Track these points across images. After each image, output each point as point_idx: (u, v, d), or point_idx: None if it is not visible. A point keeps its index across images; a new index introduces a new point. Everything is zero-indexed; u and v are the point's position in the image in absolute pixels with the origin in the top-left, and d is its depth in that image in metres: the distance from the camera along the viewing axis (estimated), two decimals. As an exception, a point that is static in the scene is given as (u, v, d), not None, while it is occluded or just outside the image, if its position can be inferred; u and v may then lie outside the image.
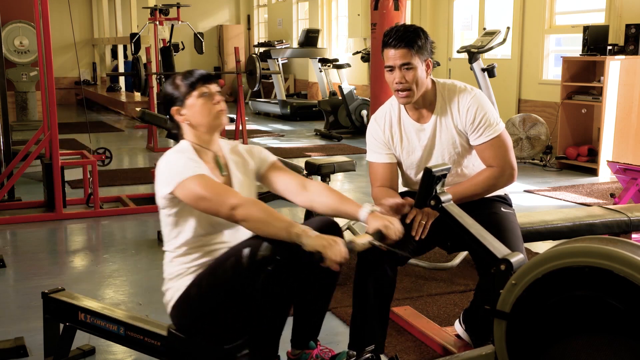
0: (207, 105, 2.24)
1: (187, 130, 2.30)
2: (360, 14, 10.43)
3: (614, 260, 1.59)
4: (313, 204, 2.32)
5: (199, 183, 2.11)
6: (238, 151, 2.39)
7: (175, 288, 2.23)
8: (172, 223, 2.23)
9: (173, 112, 2.29)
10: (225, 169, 2.32)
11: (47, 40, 4.96)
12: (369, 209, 2.22)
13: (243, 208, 2.06)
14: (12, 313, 3.35)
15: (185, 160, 2.18)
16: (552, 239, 3.21)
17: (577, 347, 1.66)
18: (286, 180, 2.36)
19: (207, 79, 2.26)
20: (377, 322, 2.51)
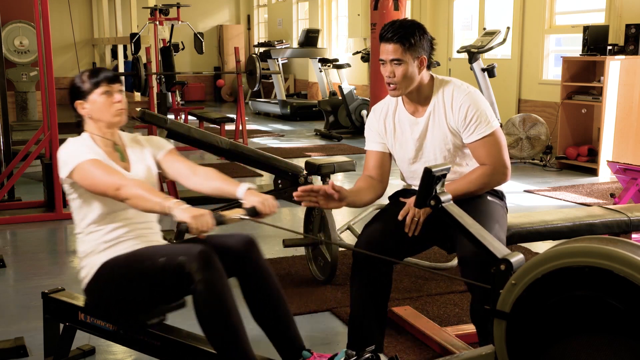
0: (108, 102, 2.41)
1: (89, 122, 2.46)
2: (360, 14, 10.43)
3: (614, 260, 1.59)
4: (201, 187, 2.49)
5: (90, 166, 2.29)
6: (137, 140, 2.58)
7: (89, 266, 2.39)
8: (77, 206, 2.41)
9: (76, 104, 2.45)
10: (125, 155, 2.49)
11: (47, 40, 4.96)
12: (246, 186, 2.38)
13: (126, 187, 2.23)
14: (12, 313, 3.35)
15: (79, 146, 2.38)
16: (552, 239, 3.21)
17: (577, 347, 1.66)
18: (178, 165, 2.54)
19: (112, 79, 2.43)
20: (374, 322, 2.51)
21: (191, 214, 2.12)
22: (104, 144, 2.44)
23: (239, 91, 8.91)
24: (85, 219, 2.40)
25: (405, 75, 2.52)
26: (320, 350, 2.59)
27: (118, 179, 2.26)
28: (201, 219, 2.12)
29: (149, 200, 2.20)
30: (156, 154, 2.56)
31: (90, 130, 2.46)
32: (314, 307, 3.31)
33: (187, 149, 7.96)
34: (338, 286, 3.57)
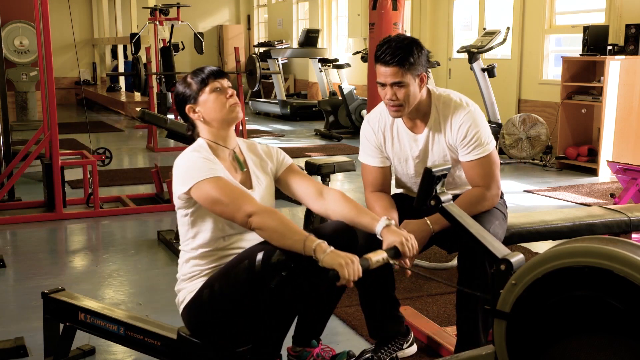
0: (220, 99, 2.23)
1: (202, 127, 2.28)
2: (360, 14, 10.42)
3: (614, 260, 1.59)
4: (328, 212, 2.30)
5: (215, 186, 2.10)
6: (256, 150, 2.38)
7: (188, 289, 2.22)
8: (188, 223, 2.22)
9: (187, 110, 2.27)
10: (245, 165, 2.31)
11: (47, 40, 4.96)
12: (384, 223, 2.21)
13: (259, 216, 2.05)
14: (12, 313, 3.35)
15: (201, 160, 2.17)
16: (552, 239, 3.21)
17: (577, 347, 1.66)
18: (303, 185, 2.35)
19: (218, 74, 2.26)
20: (386, 313, 2.61)
21: (339, 261, 1.95)
22: (222, 155, 2.27)
23: (239, 91, 8.91)
24: (195, 239, 2.22)
25: (408, 97, 2.45)
26: (321, 350, 2.60)
27: (249, 203, 2.08)
28: (351, 268, 1.96)
29: (287, 238, 2.01)
30: (277, 169, 2.38)
31: (206, 137, 2.27)
32: (314, 307, 3.31)
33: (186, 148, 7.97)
34: (338, 286, 3.57)
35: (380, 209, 2.55)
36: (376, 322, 2.65)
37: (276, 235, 2.03)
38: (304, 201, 2.37)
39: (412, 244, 2.17)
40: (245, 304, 2.10)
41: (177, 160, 2.22)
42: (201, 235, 2.21)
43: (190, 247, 2.24)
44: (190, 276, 2.23)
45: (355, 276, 1.97)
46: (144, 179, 6.52)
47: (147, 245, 4.43)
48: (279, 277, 2.03)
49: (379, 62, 2.44)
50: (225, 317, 2.14)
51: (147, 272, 3.95)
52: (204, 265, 2.22)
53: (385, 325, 2.64)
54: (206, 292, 2.16)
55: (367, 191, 2.68)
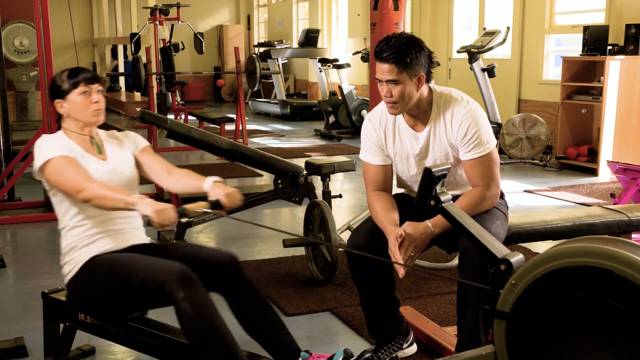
0: (85, 103, 2.44)
1: (67, 120, 2.49)
2: (360, 14, 10.42)
3: (614, 260, 1.58)
4: (173, 187, 2.56)
5: (59, 164, 2.32)
6: (114, 135, 2.61)
7: (71, 262, 2.40)
8: (58, 201, 2.44)
9: (55, 103, 2.48)
10: (102, 148, 2.52)
11: (47, 40, 4.96)
12: (212, 179, 2.40)
13: (87, 190, 2.26)
14: (12, 313, 3.35)
15: (53, 143, 2.40)
16: (552, 239, 3.21)
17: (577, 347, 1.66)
18: (154, 163, 2.58)
19: (90, 80, 2.46)
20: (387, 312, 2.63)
21: (154, 208, 2.16)
22: (80, 140, 2.47)
23: (239, 91, 8.91)
24: (66, 213, 2.42)
25: (403, 95, 2.45)
26: (320, 350, 2.60)
27: (82, 179, 2.29)
28: (164, 213, 2.16)
29: (111, 199, 2.24)
30: (133, 149, 2.59)
31: (68, 128, 2.49)
32: (314, 307, 3.31)
33: (187, 149, 7.97)
34: (338, 286, 3.57)
35: (381, 209, 2.54)
36: (376, 322, 2.65)
37: (102, 200, 2.24)
38: (155, 178, 2.58)
39: (236, 197, 2.33)
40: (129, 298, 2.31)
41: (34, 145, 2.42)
42: (71, 209, 2.41)
43: (65, 221, 2.43)
44: (71, 247, 2.41)
45: (168, 220, 2.16)
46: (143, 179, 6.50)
47: (147, 245, 4.42)
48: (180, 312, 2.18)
49: (376, 59, 2.47)
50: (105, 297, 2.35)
51: (147, 272, 3.95)
52: (81, 234, 2.40)
53: (385, 325, 2.64)
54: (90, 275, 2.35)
55: (368, 190, 2.68)
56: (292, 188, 4.32)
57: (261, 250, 4.31)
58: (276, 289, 3.55)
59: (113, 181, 2.41)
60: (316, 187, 4.36)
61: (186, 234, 4.26)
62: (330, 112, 9.85)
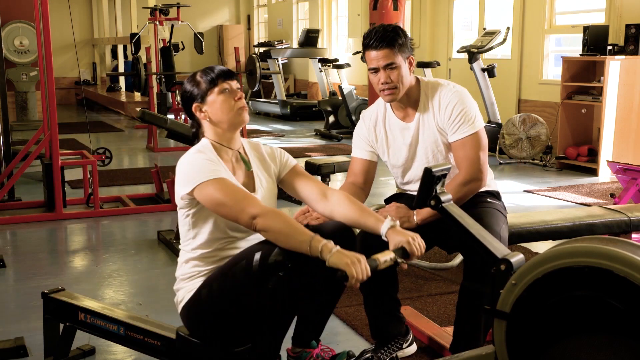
0: (229, 101, 2.21)
1: (208, 127, 2.26)
2: (360, 14, 10.41)
3: (614, 260, 1.59)
4: (333, 214, 2.29)
5: (218, 187, 2.08)
6: (260, 151, 2.38)
7: (186, 289, 2.22)
8: (189, 224, 2.21)
9: (194, 109, 2.25)
10: (250, 165, 2.31)
11: (47, 40, 4.96)
12: (389, 224, 2.18)
13: (263, 218, 2.04)
14: (12, 313, 3.35)
15: (205, 162, 2.16)
16: (552, 239, 3.21)
17: (577, 347, 1.66)
18: (307, 186, 2.34)
19: (227, 75, 2.23)
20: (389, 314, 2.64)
21: (346, 260, 1.93)
22: (226, 153, 2.26)
23: (239, 91, 8.90)
24: (195, 239, 2.21)
25: (402, 78, 2.51)
26: (321, 350, 2.60)
27: (252, 205, 2.06)
28: (359, 268, 1.93)
29: (293, 239, 2.00)
30: (281, 171, 2.38)
31: (210, 137, 2.25)
32: (314, 307, 3.31)
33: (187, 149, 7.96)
34: (338, 286, 3.57)
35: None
36: (379, 323, 2.65)
37: (282, 237, 2.02)
38: (308, 203, 2.36)
39: (419, 243, 2.15)
40: (243, 303, 2.09)
41: (181, 160, 2.21)
42: (201, 236, 2.20)
43: (190, 247, 2.23)
44: (189, 276, 2.23)
45: (364, 276, 1.94)
46: (144, 179, 6.52)
47: (147, 245, 4.43)
48: (277, 277, 2.03)
49: (368, 49, 2.51)
50: (223, 317, 2.13)
51: (147, 272, 3.95)
52: (203, 266, 2.21)
53: (386, 325, 2.65)
54: (205, 291, 2.16)
55: (347, 180, 2.76)
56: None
57: (261, 250, 4.31)
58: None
59: None
60: (316, 187, 4.35)
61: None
62: (330, 112, 9.85)
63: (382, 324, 2.65)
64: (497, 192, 2.71)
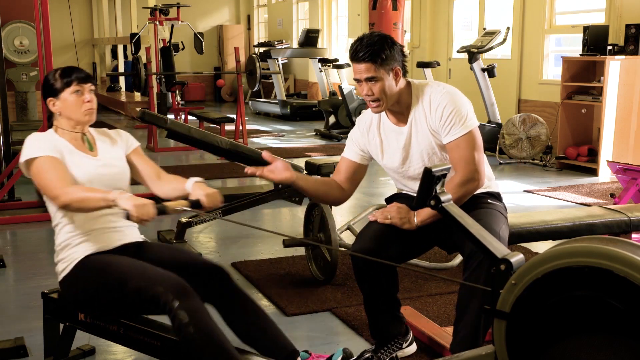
0: (78, 101, 2.45)
1: (59, 118, 2.50)
2: (360, 14, 10.43)
3: (614, 260, 1.58)
4: (161, 191, 2.56)
5: (43, 164, 2.33)
6: (106, 132, 2.62)
7: (65, 260, 2.41)
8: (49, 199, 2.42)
9: (48, 101, 2.50)
10: (94, 145, 2.52)
11: (47, 40, 4.96)
12: (194, 180, 2.42)
13: (63, 196, 2.26)
14: (12, 313, 3.35)
15: (42, 141, 2.41)
16: (552, 239, 3.21)
17: (577, 347, 1.66)
18: (144, 166, 2.60)
19: (83, 79, 2.47)
20: (389, 315, 2.65)
21: (134, 202, 2.17)
22: (72, 137, 2.48)
23: (239, 91, 8.91)
24: (58, 210, 2.43)
25: (384, 91, 2.49)
26: (320, 350, 2.60)
27: (58, 185, 2.28)
28: (143, 208, 2.17)
29: (90, 199, 2.23)
30: (126, 149, 2.60)
31: (59, 126, 2.51)
32: (314, 307, 3.31)
33: (187, 149, 7.97)
34: (338, 286, 3.57)
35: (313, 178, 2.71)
36: (379, 323, 2.65)
37: (82, 204, 2.24)
38: (145, 181, 2.61)
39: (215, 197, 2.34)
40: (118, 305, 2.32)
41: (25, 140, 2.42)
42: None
43: (59, 217, 2.44)
44: (65, 244, 2.42)
45: (147, 216, 2.16)
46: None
47: (147, 245, 4.42)
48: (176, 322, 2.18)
49: (353, 60, 2.53)
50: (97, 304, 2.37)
51: (147, 272, 3.95)
52: (73, 231, 2.41)
53: (386, 326, 2.65)
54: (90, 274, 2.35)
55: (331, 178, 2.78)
56: (292, 188, 4.31)
57: (261, 250, 4.31)
58: (276, 289, 3.55)
59: (103, 175, 2.44)
60: (316, 187, 4.35)
61: (186, 234, 4.26)
62: (330, 112, 9.86)
63: (382, 324, 2.65)
64: (498, 194, 2.70)
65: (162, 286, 2.19)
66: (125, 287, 2.25)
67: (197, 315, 2.17)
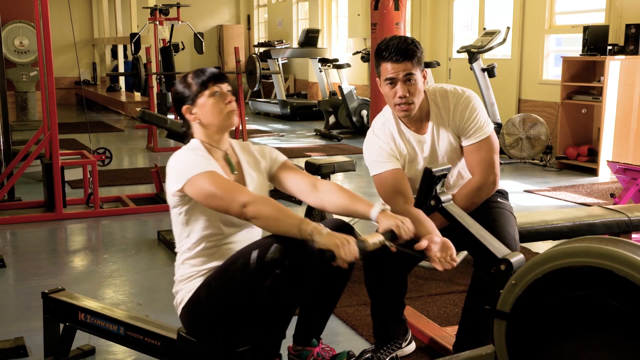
0: (219, 104, 2.23)
1: (198, 129, 2.28)
2: (360, 14, 10.42)
3: (614, 260, 1.59)
4: (324, 204, 2.29)
5: (208, 180, 2.10)
6: (249, 150, 2.38)
7: (185, 290, 2.23)
8: (183, 222, 2.22)
9: (184, 110, 2.27)
10: (237, 167, 2.31)
11: (47, 40, 4.96)
12: (379, 208, 2.17)
13: (254, 205, 2.05)
14: (12, 313, 3.35)
15: (196, 157, 2.18)
16: (552, 239, 3.21)
17: (577, 347, 1.66)
18: (297, 180, 2.34)
19: (219, 78, 2.25)
20: (394, 316, 2.65)
21: (335, 241, 1.95)
22: (215, 153, 2.27)
23: (239, 91, 8.90)
24: (189, 237, 2.23)
25: (419, 92, 2.46)
26: (321, 350, 2.60)
27: (243, 194, 2.08)
28: (347, 248, 1.95)
29: (283, 223, 2.02)
30: (271, 167, 2.38)
31: (200, 138, 2.27)
32: (314, 307, 3.31)
33: (187, 149, 7.98)
34: (338, 286, 3.57)
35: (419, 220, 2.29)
36: (384, 325, 2.66)
37: (271, 222, 2.04)
38: (300, 196, 2.36)
39: (408, 227, 2.13)
40: (242, 303, 2.10)
41: (171, 159, 2.22)
42: (195, 234, 2.21)
43: (185, 246, 2.24)
44: (187, 277, 2.23)
45: (351, 257, 1.95)
46: (144, 179, 6.52)
47: (147, 245, 4.43)
48: (275, 275, 2.03)
49: (387, 61, 2.42)
50: (223, 317, 2.14)
51: (147, 272, 3.95)
52: (200, 265, 2.22)
53: (390, 328, 2.66)
54: (203, 292, 2.17)
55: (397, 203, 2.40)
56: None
57: (261, 250, 4.31)
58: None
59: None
60: (316, 187, 4.35)
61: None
62: (330, 112, 9.85)
63: (387, 326, 2.66)
64: (506, 192, 2.73)
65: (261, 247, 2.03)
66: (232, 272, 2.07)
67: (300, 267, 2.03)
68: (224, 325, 2.15)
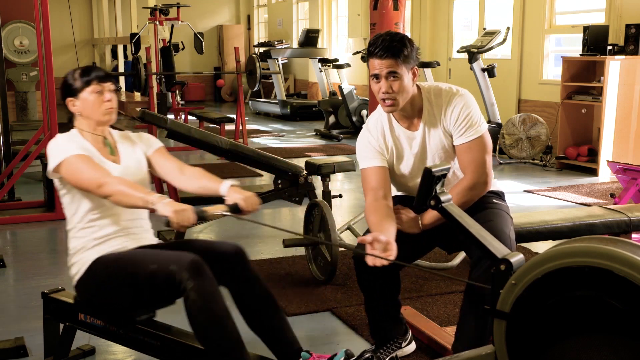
0: (98, 101, 2.45)
1: (79, 119, 2.50)
2: (360, 14, 10.43)
3: (614, 260, 1.58)
4: (188, 186, 2.54)
5: (76, 161, 2.33)
6: (128, 136, 2.61)
7: (79, 263, 2.41)
8: (68, 202, 2.44)
9: (67, 101, 2.48)
10: (115, 150, 2.52)
11: (47, 40, 4.96)
12: (229, 183, 2.41)
13: (108, 185, 2.27)
14: (12, 313, 3.35)
15: (69, 142, 2.41)
16: (552, 239, 3.21)
17: (577, 347, 1.66)
18: (168, 164, 2.58)
19: (103, 78, 2.47)
20: (390, 316, 2.66)
21: (173, 208, 2.15)
22: (94, 140, 2.48)
23: (239, 91, 8.91)
24: (75, 214, 2.42)
25: (403, 89, 2.46)
26: (321, 351, 2.60)
27: (101, 175, 2.29)
28: (183, 214, 2.15)
29: (131, 196, 2.23)
30: (146, 150, 2.59)
31: (80, 127, 2.49)
32: (314, 307, 3.31)
33: (187, 149, 7.97)
34: (338, 286, 3.57)
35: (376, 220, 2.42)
36: (379, 324, 2.66)
37: (122, 197, 2.25)
38: (168, 178, 2.59)
39: (253, 201, 2.35)
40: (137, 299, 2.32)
41: (48, 144, 2.43)
42: (81, 210, 2.41)
43: (75, 222, 2.43)
44: (79, 248, 2.41)
45: (187, 222, 2.15)
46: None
47: (147, 245, 4.42)
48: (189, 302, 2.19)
49: (373, 57, 2.47)
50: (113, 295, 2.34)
51: (147, 272, 3.95)
52: (89, 235, 2.40)
53: (386, 327, 2.65)
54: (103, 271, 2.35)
55: (367, 198, 2.54)
56: (292, 188, 4.32)
57: (261, 250, 4.31)
58: (276, 289, 3.55)
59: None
60: (316, 187, 4.36)
61: (186, 234, 4.25)
62: (330, 112, 9.85)
63: (383, 325, 2.65)
64: (502, 192, 2.71)
65: (176, 265, 2.18)
66: (139, 273, 2.25)
67: (211, 298, 2.16)
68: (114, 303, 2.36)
